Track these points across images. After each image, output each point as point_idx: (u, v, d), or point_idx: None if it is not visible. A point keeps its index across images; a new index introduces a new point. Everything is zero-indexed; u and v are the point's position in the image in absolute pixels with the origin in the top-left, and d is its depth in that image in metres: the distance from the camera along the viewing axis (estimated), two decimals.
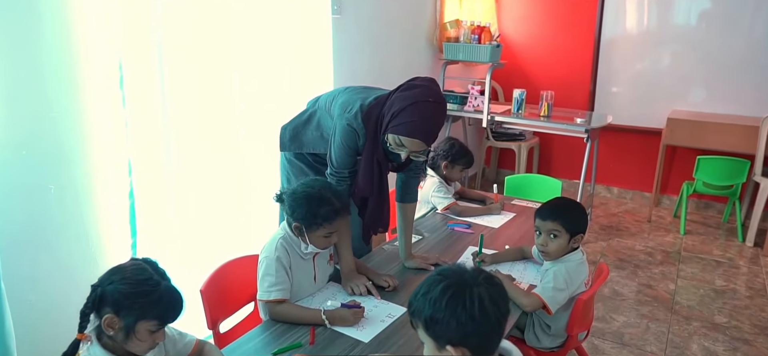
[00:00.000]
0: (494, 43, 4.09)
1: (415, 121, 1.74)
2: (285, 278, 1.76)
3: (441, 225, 2.61)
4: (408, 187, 2.11)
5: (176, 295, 1.31)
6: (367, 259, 2.19)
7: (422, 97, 1.76)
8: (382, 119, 1.83)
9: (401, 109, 1.76)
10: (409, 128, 1.75)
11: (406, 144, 1.78)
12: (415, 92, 1.79)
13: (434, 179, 2.80)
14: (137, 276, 1.27)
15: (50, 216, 1.81)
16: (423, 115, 1.75)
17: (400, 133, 1.76)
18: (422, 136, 1.76)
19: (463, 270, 1.07)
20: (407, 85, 1.84)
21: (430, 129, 1.78)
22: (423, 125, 1.75)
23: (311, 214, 1.71)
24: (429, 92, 1.79)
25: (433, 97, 1.78)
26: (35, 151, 1.75)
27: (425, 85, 1.82)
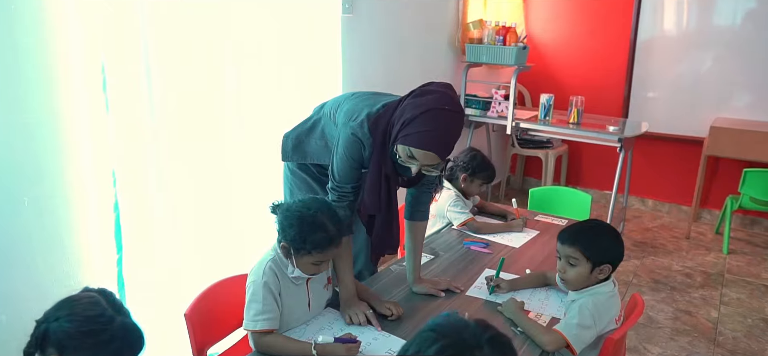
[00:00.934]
0: (520, 45, 3.84)
1: (428, 132, 1.54)
2: (273, 306, 1.58)
3: (456, 243, 2.39)
4: (419, 204, 1.91)
5: (133, 334, 1.14)
6: (371, 281, 2.00)
7: (437, 104, 1.56)
8: (392, 128, 1.63)
9: (413, 117, 1.56)
10: (421, 139, 1.55)
11: (418, 157, 1.58)
12: (428, 99, 1.58)
13: (451, 192, 2.58)
14: (87, 312, 1.11)
15: (24, 231, 1.67)
16: (437, 125, 1.55)
17: (411, 144, 1.56)
18: (436, 148, 1.56)
19: (463, 326, 0.86)
20: (420, 91, 1.64)
21: (444, 140, 1.57)
22: (437, 136, 1.55)
23: (301, 238, 1.52)
24: (444, 99, 1.58)
25: (449, 104, 1.58)
26: (6, 159, 1.61)
27: (440, 91, 1.61)
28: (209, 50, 2.09)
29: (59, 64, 1.69)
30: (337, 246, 1.56)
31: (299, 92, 2.51)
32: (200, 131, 2.12)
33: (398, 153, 1.61)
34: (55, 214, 1.74)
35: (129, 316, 1.18)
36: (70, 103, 1.73)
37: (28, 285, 1.70)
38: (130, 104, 1.86)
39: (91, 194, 1.82)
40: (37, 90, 1.65)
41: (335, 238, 1.54)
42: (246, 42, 2.24)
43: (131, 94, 1.85)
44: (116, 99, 1.81)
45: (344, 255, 1.74)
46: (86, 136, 1.78)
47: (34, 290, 1.72)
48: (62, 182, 1.74)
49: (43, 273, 1.73)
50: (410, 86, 1.75)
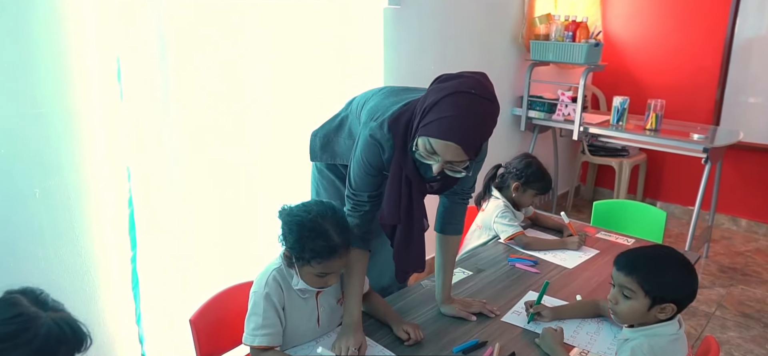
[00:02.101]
0: (592, 42, 3.48)
1: (449, 118, 1.29)
2: (274, 320, 1.43)
3: (501, 258, 2.14)
4: (452, 215, 1.68)
5: (66, 330, 1.04)
6: (397, 297, 1.80)
7: (461, 87, 1.32)
8: (413, 120, 1.41)
9: (434, 102, 1.33)
10: (440, 127, 1.30)
11: (438, 149, 1.33)
12: (453, 83, 1.35)
13: (499, 202, 2.32)
14: (1, 315, 1.01)
15: (35, 224, 1.63)
16: (460, 112, 1.29)
17: (429, 133, 1.32)
18: (457, 138, 1.29)
19: None
20: (445, 76, 1.41)
21: (468, 129, 1.29)
22: (459, 124, 1.29)
23: (300, 245, 1.37)
24: (471, 82, 1.33)
25: (478, 88, 1.32)
26: (17, 150, 1.57)
27: (468, 76, 1.37)
28: (233, 41, 1.99)
29: (73, 54, 1.63)
30: (340, 256, 1.38)
31: (332, 89, 2.35)
32: (222, 127, 2.02)
33: (418, 148, 1.38)
34: (67, 208, 1.69)
35: (63, 313, 1.08)
36: (84, 95, 1.67)
37: (39, 279, 1.64)
38: (146, 97, 1.79)
39: (105, 189, 1.76)
40: (50, 80, 1.60)
41: (338, 248, 1.36)
42: (274, 33, 2.11)
43: (147, 85, 1.78)
44: (131, 91, 1.74)
45: (354, 273, 1.54)
46: (100, 128, 1.72)
47: (44, 285, 1.63)
48: (75, 175, 1.69)
49: (54, 268, 1.69)
50: None
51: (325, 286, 1.46)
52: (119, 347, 1.89)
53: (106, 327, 1.84)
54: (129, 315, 1.88)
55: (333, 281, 1.45)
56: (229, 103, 2.01)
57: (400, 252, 1.58)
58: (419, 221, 1.54)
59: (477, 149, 1.36)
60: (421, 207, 1.53)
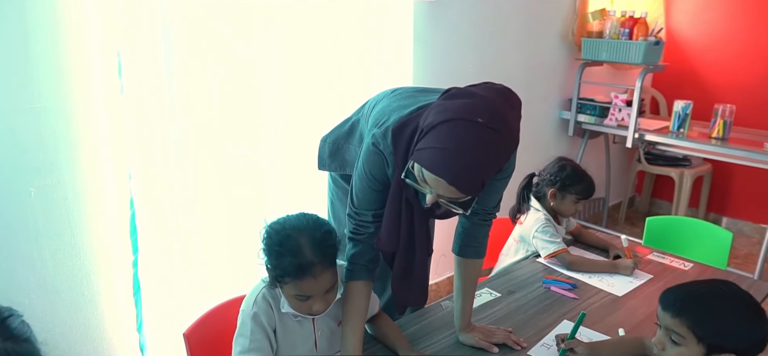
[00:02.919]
0: (651, 40, 3.15)
1: (442, 151, 1.09)
2: (263, 343, 1.28)
3: (536, 279, 1.91)
4: (471, 238, 1.46)
5: None
6: (412, 319, 1.62)
7: (465, 113, 1.10)
8: (415, 136, 1.21)
9: (432, 125, 1.13)
10: (431, 158, 1.10)
11: (429, 182, 1.14)
12: (458, 104, 1.13)
13: (539, 215, 2.09)
14: None
15: (30, 224, 1.56)
16: (457, 144, 1.08)
17: (420, 162, 1.13)
18: (448, 176, 1.08)
19: None
20: (455, 92, 1.20)
21: (463, 167, 1.08)
22: (453, 159, 1.08)
23: (272, 263, 1.22)
24: (481, 108, 1.10)
25: (486, 117, 1.09)
26: (11, 146, 1.49)
27: (481, 96, 1.14)
28: (245, 36, 1.85)
29: (72, 47, 1.55)
30: (315, 277, 1.20)
31: (353, 89, 2.18)
32: (231, 127, 1.89)
33: (414, 171, 1.19)
34: (65, 208, 1.61)
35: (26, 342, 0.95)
36: (84, 90, 1.59)
37: (34, 280, 1.59)
38: (149, 93, 1.68)
39: (105, 189, 1.67)
40: (48, 74, 1.52)
41: (310, 267, 1.18)
42: (290, 28, 1.96)
43: (150, 81, 1.67)
44: (133, 86, 1.63)
45: (352, 308, 1.34)
46: (100, 125, 1.63)
47: (41, 286, 1.61)
48: (73, 174, 1.61)
49: (50, 270, 1.61)
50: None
51: (309, 313, 1.28)
52: (122, 353, 1.80)
53: (107, 334, 1.76)
54: (130, 322, 1.79)
55: (319, 308, 1.26)
56: (239, 102, 1.88)
57: (398, 283, 1.38)
58: (422, 249, 1.34)
59: (477, 188, 1.13)
60: (424, 233, 1.33)
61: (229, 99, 1.86)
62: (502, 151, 1.13)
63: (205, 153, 1.83)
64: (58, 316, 1.65)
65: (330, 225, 1.28)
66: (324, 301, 1.26)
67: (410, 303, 1.44)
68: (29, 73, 1.49)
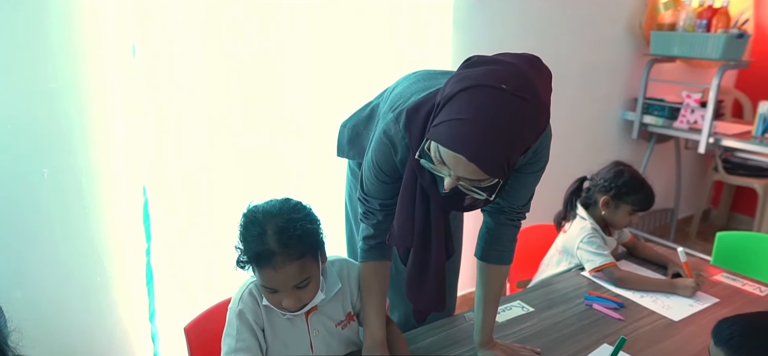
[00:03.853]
0: (733, 32, 2.79)
1: (463, 121, 0.93)
2: (251, 342, 1.18)
3: (578, 294, 1.69)
4: (495, 240, 1.29)
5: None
6: (426, 330, 1.46)
7: (486, 80, 0.94)
8: (431, 114, 1.06)
9: (450, 96, 0.98)
10: (449, 132, 0.95)
11: (448, 161, 0.98)
12: (479, 71, 0.97)
13: (586, 224, 1.87)
14: None
15: (42, 205, 1.55)
16: (479, 114, 0.92)
17: (437, 138, 0.97)
18: (471, 152, 0.92)
19: None
20: (476, 59, 1.03)
21: (488, 141, 0.92)
22: (476, 131, 0.92)
23: (242, 245, 1.12)
24: (508, 73, 0.94)
25: (513, 82, 0.93)
26: (25, 125, 1.48)
27: (504, 63, 0.98)
28: (267, 20, 1.76)
29: (87, 30, 1.52)
30: (275, 269, 1.07)
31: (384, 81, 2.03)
32: (249, 114, 1.81)
33: (430, 153, 1.03)
34: (79, 191, 1.59)
35: None
36: (98, 74, 1.55)
37: (46, 263, 1.58)
38: (163, 82, 1.63)
39: (118, 174, 1.64)
40: (63, 55, 1.50)
41: (268, 256, 1.06)
42: (315, 15, 1.85)
43: (165, 68, 1.62)
44: (147, 73, 1.58)
45: (371, 288, 1.26)
46: (115, 110, 1.59)
47: (52, 269, 1.59)
48: (87, 158, 1.58)
49: (62, 253, 1.60)
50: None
51: (280, 307, 1.16)
52: (134, 342, 1.76)
53: (120, 321, 1.73)
54: (142, 310, 1.75)
55: (288, 304, 1.13)
56: (258, 89, 1.79)
57: (412, 285, 1.23)
58: (440, 246, 1.18)
59: (503, 168, 0.96)
60: (441, 228, 1.17)
61: (247, 85, 1.78)
62: (531, 123, 0.96)
63: (220, 141, 1.77)
64: (70, 300, 1.63)
65: (307, 214, 1.14)
66: (293, 298, 1.13)
67: (426, 309, 1.29)
68: (45, 53, 1.47)
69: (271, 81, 1.83)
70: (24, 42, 1.43)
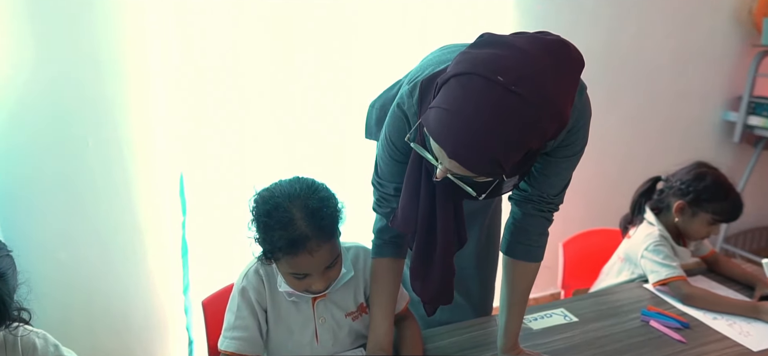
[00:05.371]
0: None
1: (445, 113, 0.83)
2: (249, 321, 1.14)
3: (636, 308, 1.48)
4: (522, 232, 1.14)
5: None
6: (448, 331, 1.34)
7: (484, 68, 0.80)
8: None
9: (445, 79, 0.87)
10: (434, 120, 0.85)
11: (435, 150, 0.89)
12: (480, 55, 0.83)
13: (653, 230, 1.64)
14: None
15: (86, 172, 1.62)
16: (461, 107, 0.81)
17: (425, 123, 0.87)
18: (448, 145, 0.83)
19: None
20: (486, 39, 0.88)
21: (468, 137, 0.81)
22: (457, 125, 0.81)
23: (262, 236, 1.05)
24: (507, 63, 0.80)
25: (511, 76, 0.79)
26: (72, 96, 1.55)
27: (514, 48, 0.82)
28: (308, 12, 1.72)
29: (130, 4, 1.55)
30: (310, 252, 1.01)
31: None
32: (287, 94, 1.77)
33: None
34: (120, 162, 1.64)
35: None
36: (140, 48, 1.59)
37: (89, 228, 1.65)
38: (202, 62, 1.64)
39: (156, 148, 1.67)
40: (108, 26, 1.55)
41: (304, 241, 1.00)
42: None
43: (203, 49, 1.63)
44: (186, 51, 1.60)
45: (379, 285, 1.17)
46: (155, 86, 1.63)
47: (94, 234, 1.66)
48: (128, 130, 1.63)
49: (104, 220, 1.67)
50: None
51: (310, 291, 1.10)
52: (168, 314, 1.80)
53: (156, 292, 1.77)
54: (177, 283, 1.78)
55: (319, 286, 1.08)
56: (291, 68, 1.76)
57: (416, 274, 1.12)
58: (447, 234, 1.05)
59: (491, 168, 0.84)
60: (449, 215, 1.05)
61: (287, 63, 1.75)
62: (528, 125, 0.81)
63: (257, 120, 1.75)
64: (110, 267, 1.69)
65: (327, 191, 1.09)
66: (324, 279, 1.08)
67: (431, 301, 1.18)
68: (89, 24, 1.53)
69: (305, 61, 1.79)
70: (69, 13, 1.49)
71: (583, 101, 1.01)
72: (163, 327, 1.78)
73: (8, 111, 1.50)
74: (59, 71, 1.52)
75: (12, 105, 1.50)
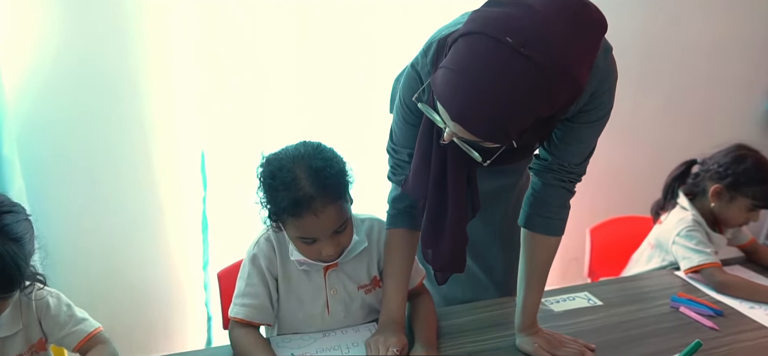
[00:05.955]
0: None
1: (451, 73, 0.80)
2: (260, 289, 1.12)
3: (665, 294, 1.41)
4: (543, 203, 1.09)
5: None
6: (469, 309, 1.30)
7: (494, 28, 0.77)
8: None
9: (455, 38, 0.83)
10: (440, 80, 0.82)
11: (440, 110, 0.85)
12: (493, 13, 0.79)
13: (687, 215, 1.56)
14: None
15: (110, 145, 1.64)
16: (468, 67, 0.78)
17: (433, 84, 0.85)
18: (453, 108, 0.80)
19: None
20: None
21: (472, 100, 0.78)
22: (460, 86, 0.79)
23: (267, 198, 1.05)
24: (520, 24, 0.76)
25: (522, 37, 0.74)
26: (98, 69, 1.57)
27: (529, 8, 0.77)
28: None
29: None
30: (316, 213, 0.99)
31: None
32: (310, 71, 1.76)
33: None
34: (142, 138, 1.66)
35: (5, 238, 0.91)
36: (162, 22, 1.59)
37: (113, 196, 1.68)
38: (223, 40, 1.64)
39: (177, 123, 1.68)
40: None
41: (309, 201, 0.98)
42: None
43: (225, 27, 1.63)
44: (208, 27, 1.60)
45: (395, 257, 1.13)
46: (176, 61, 1.63)
47: (118, 202, 1.69)
48: (150, 105, 1.64)
49: (128, 195, 1.69)
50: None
51: (321, 259, 1.07)
52: (187, 289, 1.81)
53: (176, 268, 1.79)
54: (197, 259, 1.79)
55: (329, 252, 1.05)
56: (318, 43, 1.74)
57: (427, 240, 1.08)
58: (458, 201, 1.01)
59: (497, 135, 0.80)
60: (461, 180, 1.00)
61: (309, 39, 1.73)
62: (537, 90, 0.76)
63: (278, 97, 1.74)
64: (131, 240, 1.71)
65: (333, 153, 1.07)
66: (334, 244, 1.06)
67: (442, 269, 1.14)
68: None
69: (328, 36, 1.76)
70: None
71: (608, 63, 0.95)
72: (182, 303, 1.79)
73: (38, 85, 1.53)
74: (87, 46, 1.54)
75: (43, 78, 1.53)
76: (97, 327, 1.07)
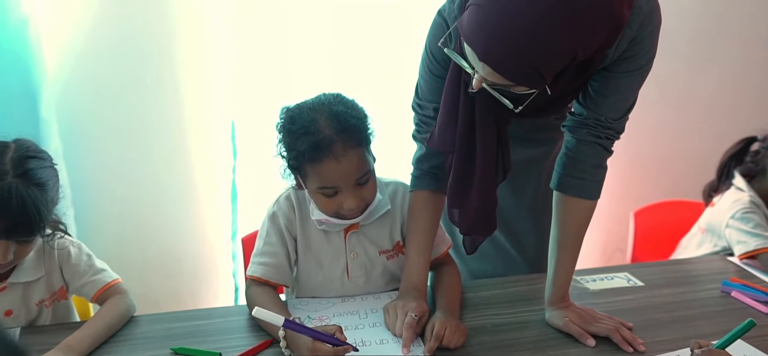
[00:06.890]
0: None
1: (481, 7, 0.74)
2: (278, 248, 1.10)
3: (715, 279, 1.29)
4: (575, 163, 1.01)
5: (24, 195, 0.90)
6: (497, 283, 1.24)
7: None
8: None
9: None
10: (467, 19, 0.77)
11: (469, 55, 0.79)
12: None
13: (743, 196, 1.44)
14: None
15: (143, 110, 1.65)
16: (498, 1, 0.73)
17: (459, 24, 0.79)
18: (480, 45, 0.75)
19: None
20: None
21: (501, 34, 0.73)
22: (488, 22, 0.74)
23: (286, 145, 1.02)
24: None
25: None
26: (134, 33, 1.58)
27: None
28: None
29: None
30: (335, 157, 0.95)
31: None
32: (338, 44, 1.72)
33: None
34: (176, 103, 1.66)
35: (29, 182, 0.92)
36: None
37: (143, 161, 1.69)
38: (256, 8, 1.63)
39: (209, 87, 1.68)
40: None
41: (328, 143, 0.95)
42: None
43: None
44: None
45: (418, 221, 1.08)
46: (207, 25, 1.63)
47: (147, 167, 1.71)
48: (185, 67, 1.64)
49: (159, 160, 1.70)
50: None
51: (342, 213, 1.03)
52: (217, 258, 1.82)
53: (206, 235, 1.79)
54: (226, 228, 1.79)
55: (351, 204, 1.00)
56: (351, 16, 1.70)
57: (453, 199, 1.02)
58: (488, 158, 0.95)
59: (528, 75, 0.75)
60: (491, 136, 0.94)
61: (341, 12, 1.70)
62: (570, 25, 0.70)
63: (309, 68, 1.71)
64: (163, 208, 1.73)
65: (355, 103, 1.03)
66: (356, 196, 1.01)
67: (469, 232, 1.07)
68: None
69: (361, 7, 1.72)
70: None
71: (651, 5, 0.87)
72: (211, 271, 1.80)
73: (77, 52, 1.57)
74: (124, 15, 1.56)
75: (81, 46, 1.56)
76: (115, 278, 1.07)
